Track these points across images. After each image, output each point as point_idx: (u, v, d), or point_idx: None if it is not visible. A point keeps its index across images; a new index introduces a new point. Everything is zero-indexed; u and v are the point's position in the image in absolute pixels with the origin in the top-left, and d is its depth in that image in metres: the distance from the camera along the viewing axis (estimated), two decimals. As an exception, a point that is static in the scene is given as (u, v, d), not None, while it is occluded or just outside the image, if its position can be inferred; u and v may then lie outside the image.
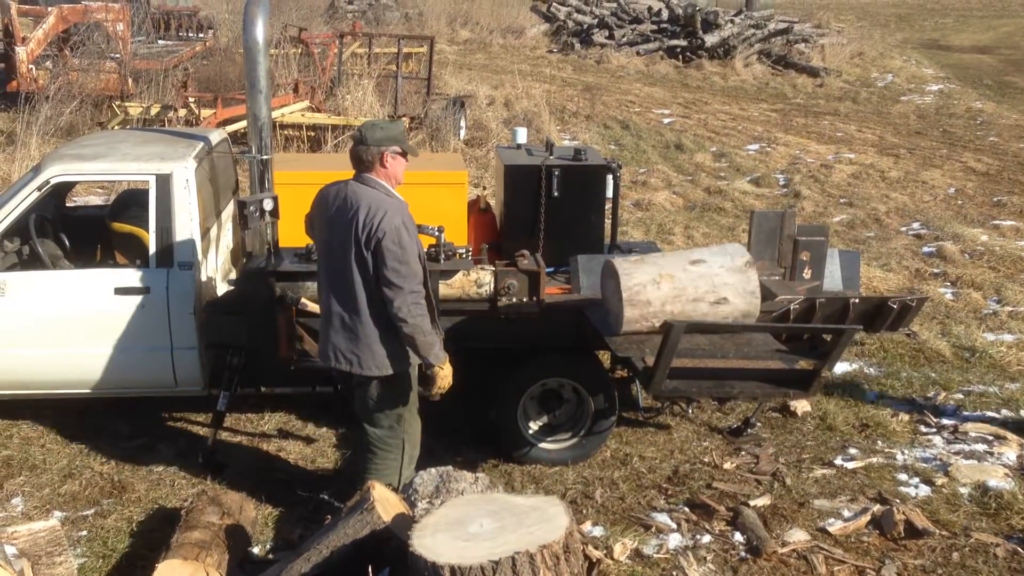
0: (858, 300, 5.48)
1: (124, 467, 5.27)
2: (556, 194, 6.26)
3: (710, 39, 21.77)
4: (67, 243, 5.79)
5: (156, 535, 4.55)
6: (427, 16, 24.94)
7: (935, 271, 8.80)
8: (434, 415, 4.84)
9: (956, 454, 5.55)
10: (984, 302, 8.04)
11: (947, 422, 5.93)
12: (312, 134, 12.10)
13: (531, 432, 5.34)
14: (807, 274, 5.72)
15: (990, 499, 5.03)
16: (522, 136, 6.96)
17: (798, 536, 4.66)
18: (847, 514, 4.89)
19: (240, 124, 10.79)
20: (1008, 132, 15.88)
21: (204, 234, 5.45)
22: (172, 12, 18.93)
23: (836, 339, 4.48)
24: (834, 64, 21.78)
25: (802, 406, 5.97)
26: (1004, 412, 6.07)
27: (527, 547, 3.17)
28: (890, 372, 6.69)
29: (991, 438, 5.71)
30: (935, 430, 5.85)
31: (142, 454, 5.40)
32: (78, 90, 12.42)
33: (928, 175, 12.57)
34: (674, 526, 4.75)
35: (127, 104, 12.44)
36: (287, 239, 5.47)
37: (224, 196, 6.18)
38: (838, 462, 5.43)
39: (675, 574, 4.37)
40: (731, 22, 22.42)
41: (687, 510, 4.89)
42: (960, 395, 6.31)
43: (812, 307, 5.37)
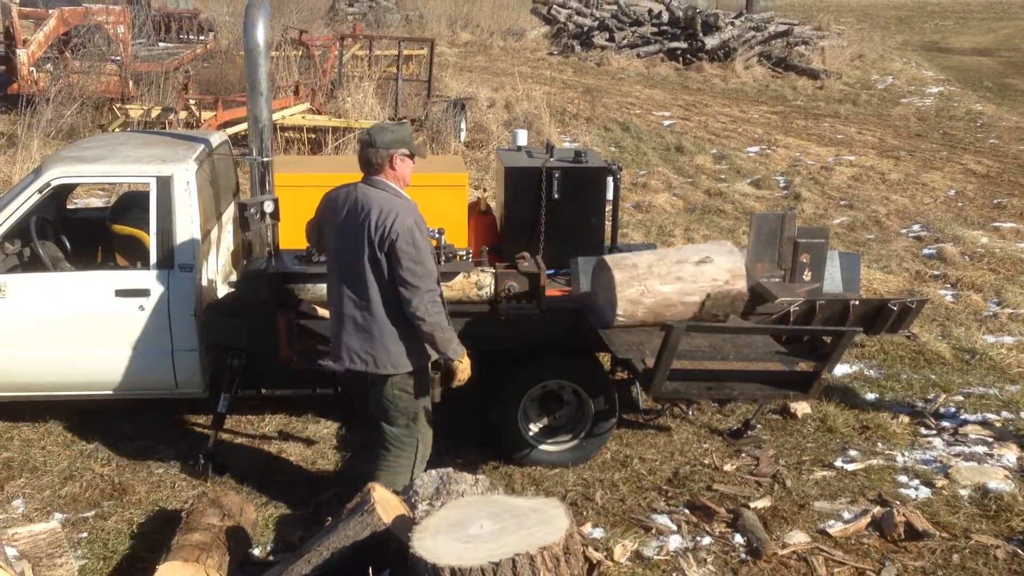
0: (858, 302, 5.48)
1: (125, 469, 5.27)
2: (556, 196, 6.27)
3: (710, 41, 21.79)
4: (68, 245, 5.80)
5: (157, 537, 4.55)
6: (427, 18, 24.95)
7: (935, 273, 8.80)
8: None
9: (956, 456, 5.55)
10: (984, 304, 8.03)
11: (947, 424, 5.93)
12: (313, 136, 12.09)
13: (531, 434, 5.35)
14: (807, 276, 5.72)
15: (990, 501, 5.03)
16: (522, 138, 6.96)
17: (798, 538, 4.66)
18: (847, 516, 4.89)
19: (241, 126, 10.79)
20: (1008, 134, 15.88)
21: (205, 236, 5.46)
22: (173, 14, 18.93)
23: (836, 341, 4.49)
24: (834, 66, 21.79)
25: (802, 408, 5.98)
26: (1004, 414, 6.08)
27: (527, 549, 3.17)
28: (890, 374, 6.69)
29: (991, 440, 5.72)
30: (935, 432, 5.85)
31: (143, 456, 5.40)
32: (79, 92, 12.44)
33: (928, 177, 12.58)
34: (674, 528, 4.75)
35: (128, 106, 12.45)
36: (288, 241, 5.48)
37: (225, 198, 6.18)
38: (838, 464, 5.43)
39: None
40: (731, 24, 22.43)
41: (687, 512, 4.89)
42: (960, 397, 6.32)
43: (812, 309, 5.38)
